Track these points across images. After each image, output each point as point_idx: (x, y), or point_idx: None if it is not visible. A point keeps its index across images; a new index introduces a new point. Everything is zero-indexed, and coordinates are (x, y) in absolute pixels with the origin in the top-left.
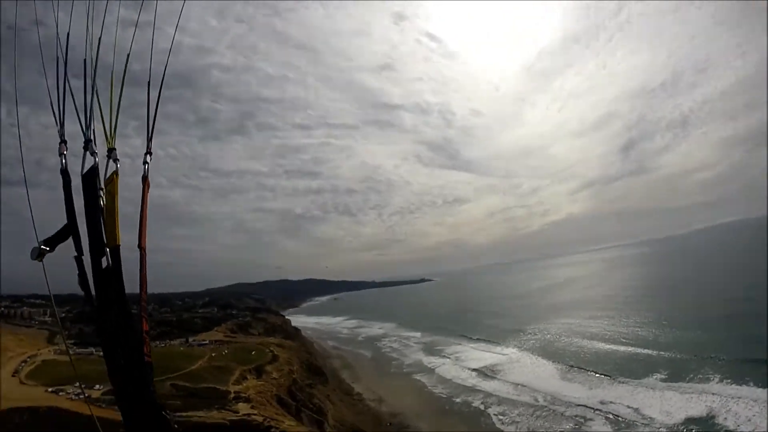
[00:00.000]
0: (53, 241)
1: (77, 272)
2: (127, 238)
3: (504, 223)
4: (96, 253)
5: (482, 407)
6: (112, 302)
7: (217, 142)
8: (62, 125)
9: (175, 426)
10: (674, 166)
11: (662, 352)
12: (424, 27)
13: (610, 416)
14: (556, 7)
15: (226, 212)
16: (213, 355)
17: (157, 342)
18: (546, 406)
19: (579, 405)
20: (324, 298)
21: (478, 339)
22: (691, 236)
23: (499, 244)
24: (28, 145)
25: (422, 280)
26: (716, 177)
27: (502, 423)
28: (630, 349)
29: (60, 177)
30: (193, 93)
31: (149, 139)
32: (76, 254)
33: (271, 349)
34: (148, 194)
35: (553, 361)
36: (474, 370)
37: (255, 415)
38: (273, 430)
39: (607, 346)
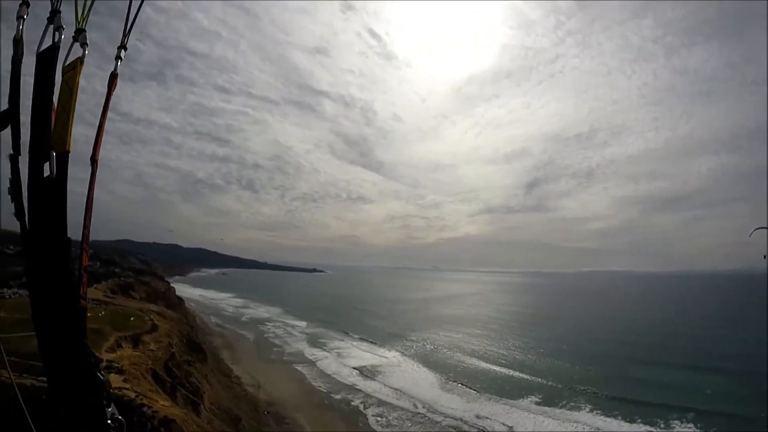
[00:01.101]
0: None
1: (9, 176)
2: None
3: (401, 229)
4: (37, 156)
5: (361, 407)
6: (48, 223)
7: (130, 84)
8: None
9: (111, 389)
10: (572, 210)
11: (537, 378)
12: (368, 23)
13: (485, 431)
14: (496, 41)
15: (126, 161)
16: (88, 315)
17: (27, 292)
18: (423, 414)
19: (455, 417)
20: (212, 271)
21: (361, 338)
22: (579, 276)
23: (393, 249)
24: None
25: (314, 270)
26: (609, 228)
27: (380, 425)
28: (507, 370)
29: (9, 46)
30: (119, 25)
31: (127, 31)
32: (11, 152)
33: (152, 317)
34: (112, 95)
35: (432, 371)
36: (355, 368)
37: (127, 389)
38: (145, 408)
39: (486, 365)
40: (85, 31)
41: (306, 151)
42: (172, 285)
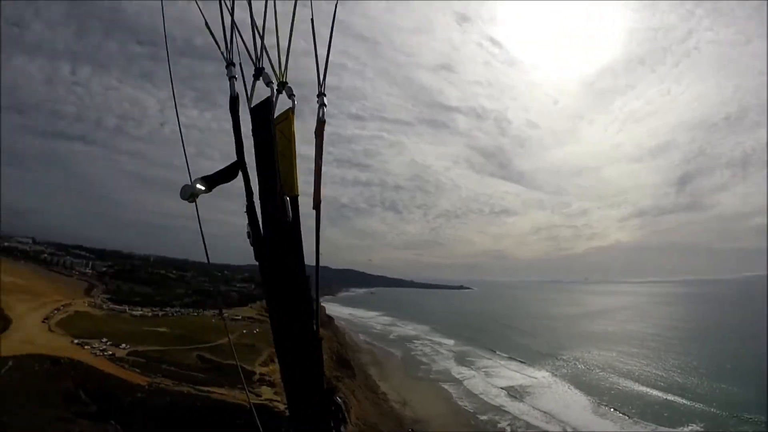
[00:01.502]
0: (213, 181)
1: (247, 222)
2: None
3: (548, 241)
4: (268, 201)
5: (508, 429)
6: (287, 262)
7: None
8: (229, 45)
9: (345, 415)
10: (730, 206)
11: (698, 403)
12: (486, 30)
13: None
14: (623, 26)
15: None
16: (244, 332)
17: (191, 309)
18: None
19: None
20: (361, 290)
21: (509, 356)
22: (742, 282)
23: (540, 262)
24: (89, 105)
25: (461, 287)
26: None
27: None
28: (665, 394)
29: (228, 104)
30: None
31: (322, 80)
32: (246, 201)
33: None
34: (323, 140)
35: (584, 393)
36: (503, 388)
37: (277, 401)
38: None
39: (642, 387)
40: (287, 83)
41: (445, 168)
42: (322, 304)
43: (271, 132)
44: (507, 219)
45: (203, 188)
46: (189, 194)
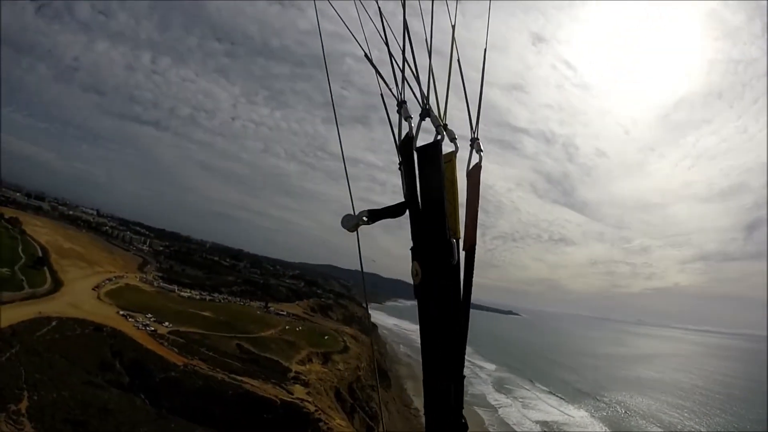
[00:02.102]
0: (379, 215)
1: (415, 272)
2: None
3: (604, 275)
4: (436, 244)
5: None
6: (449, 308)
7: (340, 127)
8: (401, 87)
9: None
10: None
11: None
12: (561, 53)
13: None
14: (701, 57)
15: (334, 195)
16: (287, 327)
17: (238, 298)
18: None
19: None
20: (408, 303)
21: (549, 390)
22: None
23: (593, 296)
24: (166, 93)
25: (510, 312)
26: None
27: None
28: None
29: (393, 142)
30: (324, 75)
31: (475, 126)
32: (413, 244)
33: (345, 339)
34: (480, 184)
35: None
36: (538, 422)
37: (308, 402)
38: (321, 424)
39: None
40: (447, 125)
41: (507, 190)
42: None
43: (440, 174)
44: (565, 248)
45: (366, 220)
46: (352, 224)
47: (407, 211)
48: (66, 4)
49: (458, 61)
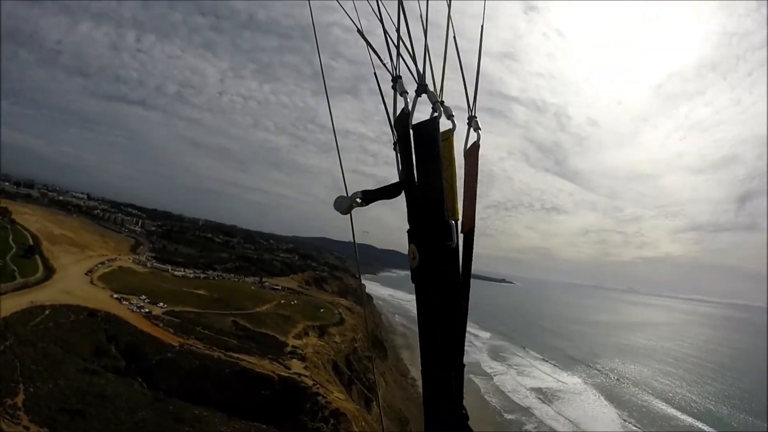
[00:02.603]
0: (373, 196)
1: (412, 255)
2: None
3: (596, 244)
4: (434, 226)
5: None
6: (447, 291)
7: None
8: (395, 61)
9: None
10: None
11: None
12: (553, 22)
13: None
14: (696, 28)
15: (325, 167)
16: (282, 302)
17: (232, 275)
18: None
19: None
20: (402, 273)
21: (543, 358)
22: None
23: (585, 265)
24: (152, 71)
25: (503, 281)
26: None
27: None
28: (694, 421)
29: (388, 119)
30: (312, 47)
31: (472, 104)
32: (410, 227)
33: (340, 311)
34: (478, 164)
35: (614, 407)
36: (533, 389)
37: (306, 377)
38: (320, 398)
39: (673, 411)
40: (444, 102)
41: (499, 159)
42: (362, 282)
43: (438, 152)
44: (557, 217)
45: (360, 202)
46: (345, 207)
47: (402, 192)
48: None
49: (454, 37)
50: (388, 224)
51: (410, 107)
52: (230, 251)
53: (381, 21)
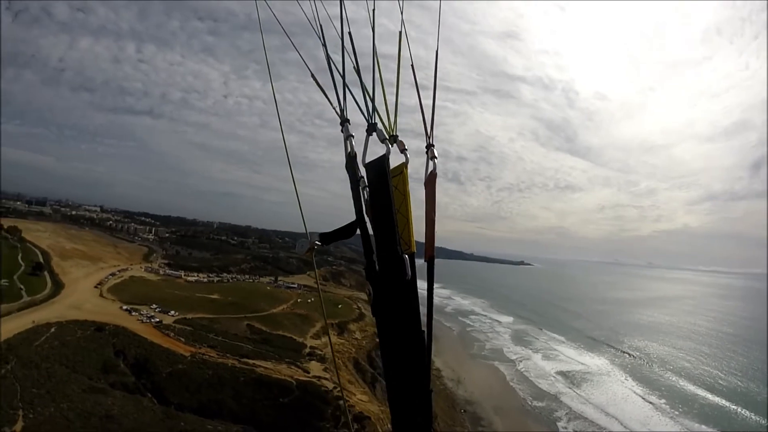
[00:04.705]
0: (331, 238)
1: (368, 292)
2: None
3: (613, 220)
4: (386, 256)
5: (564, 420)
6: (405, 316)
7: (331, 92)
8: (343, 104)
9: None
10: None
11: (756, 415)
12: None
13: None
14: None
15: (337, 161)
16: (298, 300)
17: (247, 276)
18: None
19: None
20: (419, 261)
21: (566, 340)
22: None
23: (603, 241)
24: (155, 80)
25: (522, 263)
26: None
27: None
28: (725, 401)
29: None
30: (315, 42)
31: (430, 132)
32: (366, 261)
33: (359, 305)
34: (435, 192)
35: (642, 389)
36: (559, 373)
37: (326, 380)
38: (340, 402)
39: (701, 391)
40: (398, 137)
41: (509, 140)
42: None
43: (388, 189)
44: (572, 195)
45: (320, 244)
46: (306, 249)
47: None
48: (42, 6)
49: (412, 65)
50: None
51: (353, 150)
52: (245, 252)
53: (329, 63)
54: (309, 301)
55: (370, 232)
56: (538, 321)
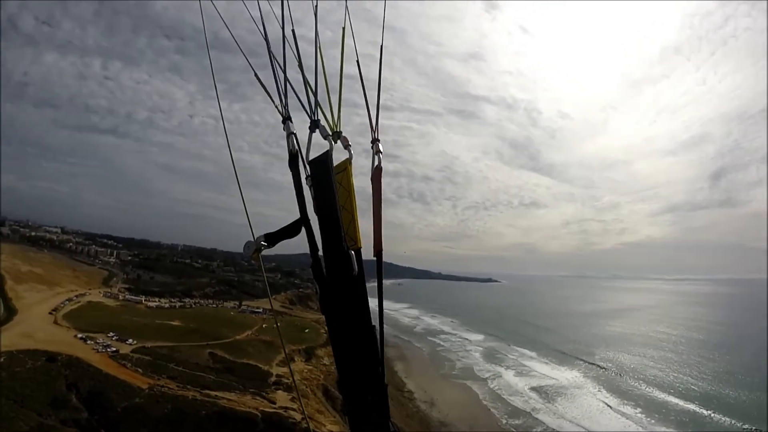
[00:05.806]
0: (276, 237)
1: (317, 289)
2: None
3: (578, 234)
4: (333, 254)
5: None
6: (353, 312)
7: (299, 113)
8: (284, 100)
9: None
10: (765, 202)
11: (731, 419)
12: (517, 19)
13: None
14: (657, 12)
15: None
16: (264, 326)
17: (211, 301)
18: None
19: None
20: (387, 282)
21: (538, 356)
22: None
23: (569, 256)
24: (121, 99)
25: (489, 280)
26: None
27: None
28: (698, 407)
29: (286, 159)
30: (264, 45)
31: (375, 127)
32: (311, 258)
33: (327, 329)
34: (381, 186)
35: (616, 400)
36: (533, 389)
37: (293, 410)
38: None
39: (675, 399)
40: (341, 133)
41: (474, 159)
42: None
43: (331, 185)
44: (537, 211)
45: (266, 245)
46: (253, 251)
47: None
48: (8, 16)
49: (357, 61)
50: (367, 233)
51: (294, 148)
52: (210, 275)
53: (270, 57)
54: (274, 326)
55: (316, 230)
56: (508, 337)
